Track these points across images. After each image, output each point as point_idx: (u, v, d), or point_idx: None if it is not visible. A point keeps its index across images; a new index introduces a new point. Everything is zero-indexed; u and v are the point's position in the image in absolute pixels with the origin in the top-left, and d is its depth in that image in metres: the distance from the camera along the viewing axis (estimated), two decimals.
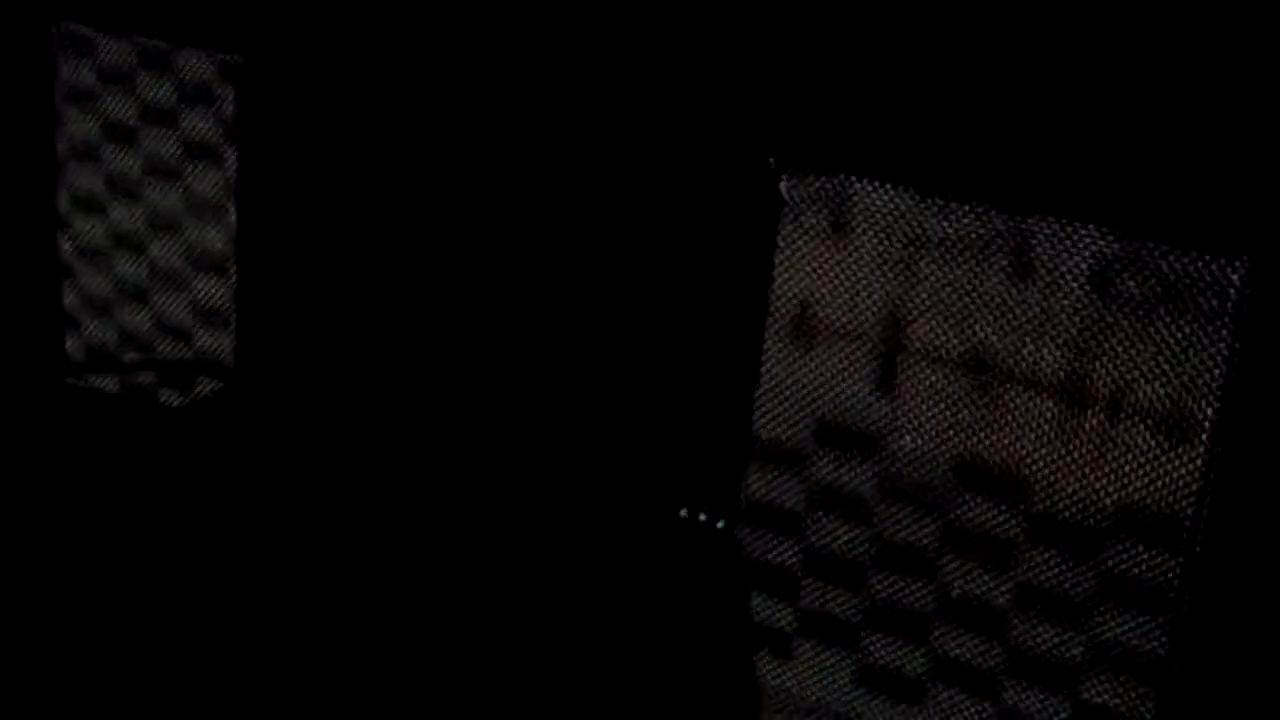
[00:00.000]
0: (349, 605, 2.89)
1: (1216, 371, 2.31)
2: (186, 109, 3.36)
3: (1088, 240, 2.37)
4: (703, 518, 2.65)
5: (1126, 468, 2.45)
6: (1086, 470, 2.47)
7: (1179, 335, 2.33)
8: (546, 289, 2.81)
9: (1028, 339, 2.47)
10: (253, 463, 3.14)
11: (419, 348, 2.97)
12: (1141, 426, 2.42)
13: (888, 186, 2.53)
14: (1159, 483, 2.43)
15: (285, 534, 3.03)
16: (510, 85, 2.77)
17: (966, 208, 2.46)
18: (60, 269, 3.55)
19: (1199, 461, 2.37)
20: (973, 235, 2.48)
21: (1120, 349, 2.39)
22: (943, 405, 2.57)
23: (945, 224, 2.50)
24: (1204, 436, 2.35)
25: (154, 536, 3.08)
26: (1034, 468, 2.51)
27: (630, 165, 2.71)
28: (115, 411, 3.41)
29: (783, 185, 2.59)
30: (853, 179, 2.56)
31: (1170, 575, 2.43)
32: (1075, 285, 2.41)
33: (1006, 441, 2.52)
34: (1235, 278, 2.21)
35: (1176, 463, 2.39)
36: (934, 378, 2.58)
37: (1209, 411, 2.34)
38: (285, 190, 3.12)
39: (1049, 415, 2.49)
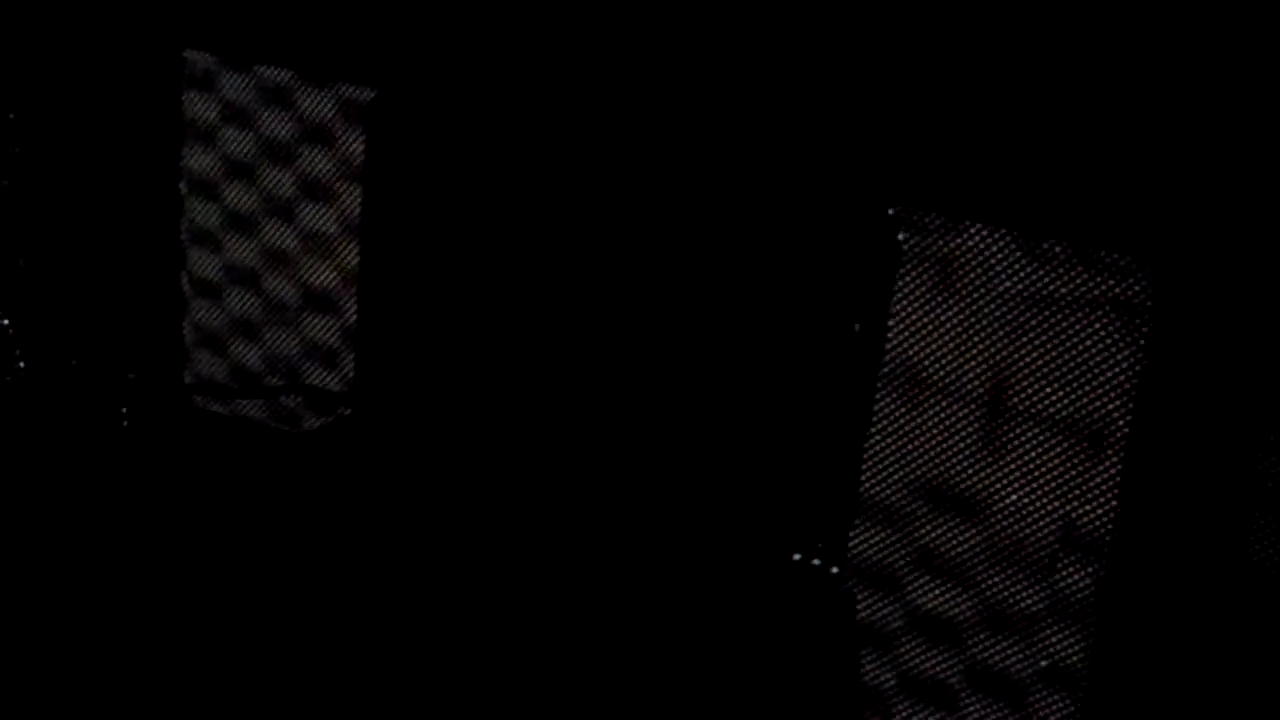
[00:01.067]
0: (451, 636, 2.93)
1: None
2: (306, 146, 3.43)
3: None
4: (816, 562, 2.67)
5: None
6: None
7: None
8: (668, 335, 2.85)
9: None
10: (367, 488, 3.20)
11: (539, 387, 3.02)
12: None
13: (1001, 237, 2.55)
14: None
15: (388, 560, 3.08)
16: (639, 135, 2.82)
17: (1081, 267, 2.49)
18: (183, 296, 3.63)
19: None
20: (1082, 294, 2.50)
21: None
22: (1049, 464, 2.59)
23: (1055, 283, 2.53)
24: None
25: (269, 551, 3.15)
26: None
27: (752, 214, 2.75)
28: (230, 437, 3.49)
29: (902, 237, 2.62)
30: (966, 236, 2.59)
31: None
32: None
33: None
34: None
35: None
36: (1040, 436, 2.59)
37: None
38: (412, 224, 3.18)
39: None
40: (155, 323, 3.65)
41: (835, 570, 2.67)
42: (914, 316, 2.65)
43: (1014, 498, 2.61)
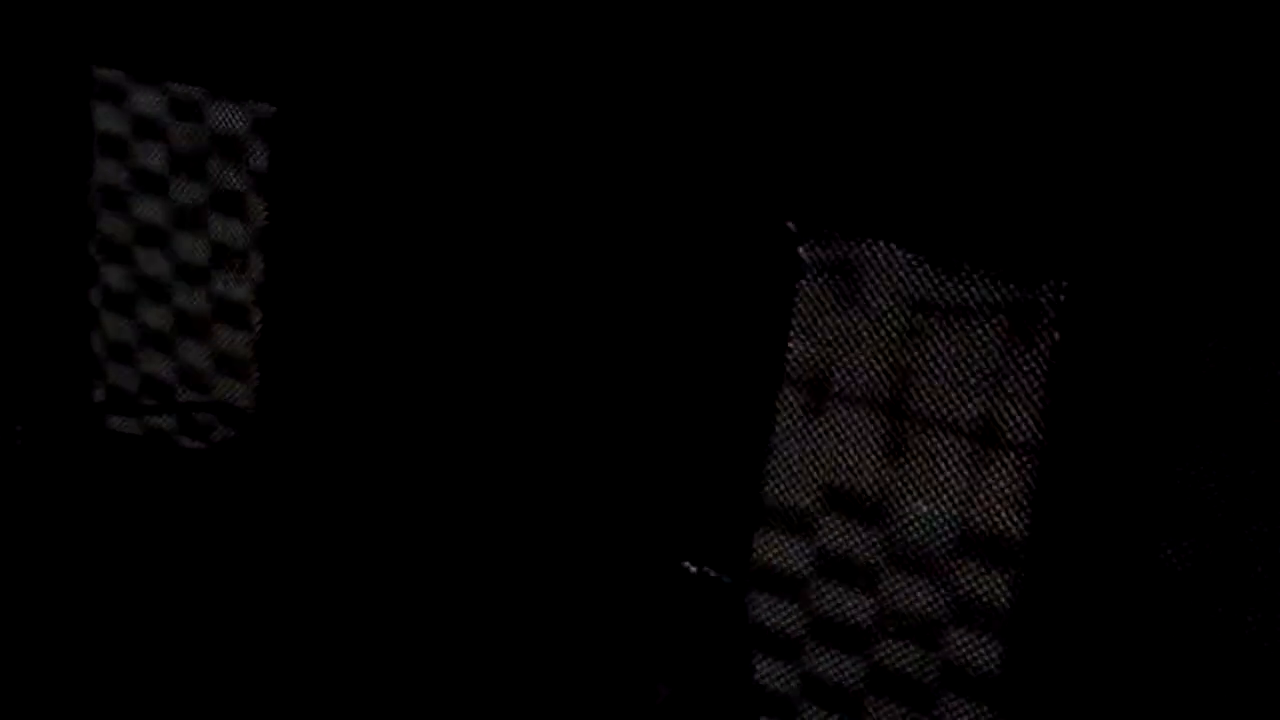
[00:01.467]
0: (361, 651, 2.91)
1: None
2: (216, 160, 3.42)
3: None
4: (710, 573, 2.68)
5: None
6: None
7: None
8: (567, 345, 2.85)
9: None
10: (270, 505, 3.17)
11: (439, 401, 3.01)
12: None
13: (901, 253, 2.58)
14: None
15: (298, 573, 3.06)
16: (534, 150, 2.83)
17: (979, 275, 2.51)
18: (91, 311, 3.60)
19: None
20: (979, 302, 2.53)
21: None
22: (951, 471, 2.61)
23: (954, 290, 2.55)
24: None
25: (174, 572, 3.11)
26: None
27: (650, 228, 2.76)
28: (137, 454, 3.44)
29: (801, 250, 2.64)
30: (867, 244, 2.61)
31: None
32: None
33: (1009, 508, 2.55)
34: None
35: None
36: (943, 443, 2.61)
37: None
38: (313, 239, 3.18)
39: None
40: (62, 339, 3.61)
41: (728, 580, 2.67)
42: (815, 324, 2.67)
43: (921, 505, 2.62)
